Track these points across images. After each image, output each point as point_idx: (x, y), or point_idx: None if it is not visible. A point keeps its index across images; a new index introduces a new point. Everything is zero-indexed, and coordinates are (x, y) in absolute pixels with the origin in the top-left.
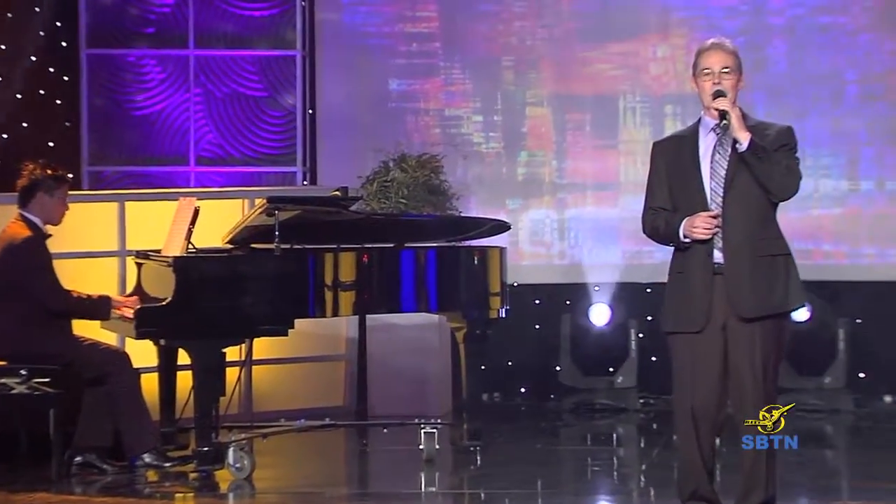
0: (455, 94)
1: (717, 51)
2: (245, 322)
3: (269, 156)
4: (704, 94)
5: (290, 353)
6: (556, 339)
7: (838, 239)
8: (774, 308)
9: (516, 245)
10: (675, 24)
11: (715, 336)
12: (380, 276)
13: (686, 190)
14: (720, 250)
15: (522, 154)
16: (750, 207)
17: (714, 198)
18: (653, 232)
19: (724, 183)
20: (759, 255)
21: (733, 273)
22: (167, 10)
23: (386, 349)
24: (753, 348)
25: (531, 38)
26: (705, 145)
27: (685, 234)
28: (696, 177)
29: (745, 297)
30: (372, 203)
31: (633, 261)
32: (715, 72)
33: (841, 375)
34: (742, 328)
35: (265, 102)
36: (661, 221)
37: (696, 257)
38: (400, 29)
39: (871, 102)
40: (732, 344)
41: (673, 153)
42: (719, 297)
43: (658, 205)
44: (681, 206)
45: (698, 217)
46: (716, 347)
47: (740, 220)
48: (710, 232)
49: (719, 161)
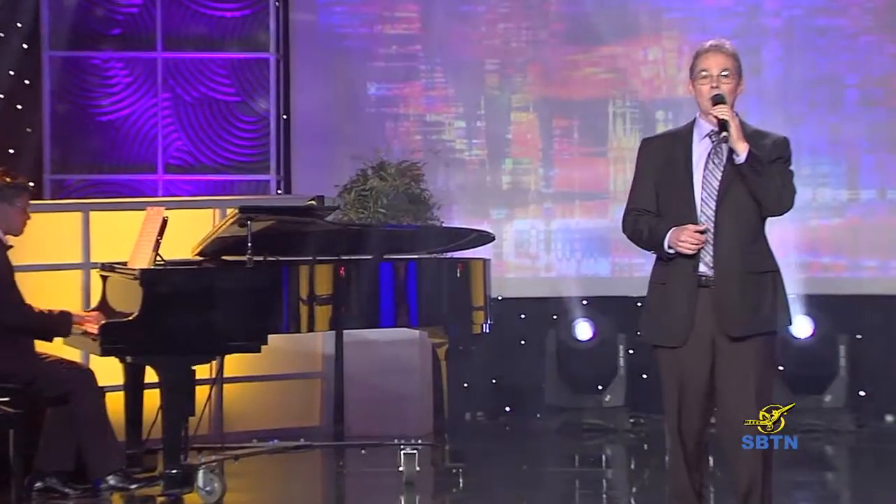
0: (436, 98)
1: (716, 53)
2: (215, 338)
3: (242, 163)
4: (702, 98)
5: (263, 370)
6: (542, 355)
7: (838, 251)
8: (761, 327)
9: (501, 257)
10: (667, 26)
11: (702, 352)
12: (357, 290)
13: (674, 198)
14: (706, 264)
15: (507, 161)
16: (741, 222)
17: (704, 209)
18: (634, 236)
19: (716, 195)
20: (747, 272)
21: (722, 290)
22: (134, 10)
23: (364, 366)
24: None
25: (516, 40)
26: (699, 152)
27: (670, 245)
28: (687, 186)
29: (734, 314)
30: (349, 213)
31: (622, 273)
32: (713, 75)
33: (841, 394)
34: (731, 347)
35: (237, 107)
36: (644, 227)
37: (680, 269)
38: (379, 30)
39: (871, 108)
40: (721, 362)
41: (664, 155)
42: (705, 311)
43: (642, 206)
44: (667, 214)
45: (685, 231)
46: (702, 363)
47: (731, 234)
48: (697, 247)
49: (713, 171)
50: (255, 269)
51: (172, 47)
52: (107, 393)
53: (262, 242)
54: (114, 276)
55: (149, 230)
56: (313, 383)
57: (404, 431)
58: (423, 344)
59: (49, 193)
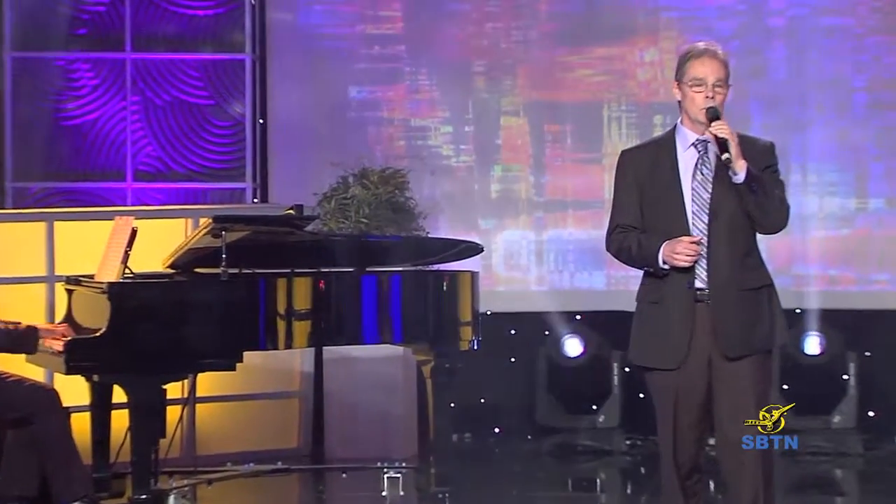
0: (422, 102)
1: (711, 60)
2: (188, 355)
3: (216, 170)
4: (693, 105)
5: (238, 389)
6: (533, 373)
7: (845, 263)
8: (758, 346)
9: (490, 269)
10: (665, 26)
11: (698, 372)
12: (338, 304)
13: (663, 211)
14: (701, 279)
15: (496, 168)
16: (735, 235)
17: (696, 223)
18: (620, 252)
19: (708, 208)
20: (744, 288)
21: (719, 308)
22: (101, 8)
23: (345, 385)
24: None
25: (506, 40)
26: (685, 162)
27: (664, 259)
28: (676, 198)
29: (733, 334)
30: (329, 223)
31: (618, 287)
32: (708, 84)
33: (850, 415)
34: (728, 366)
35: (211, 111)
36: (633, 242)
37: (674, 285)
38: (360, 30)
39: (880, 112)
40: (718, 382)
41: (647, 167)
42: (701, 329)
43: (627, 223)
44: (656, 229)
45: (680, 243)
46: (699, 384)
47: (726, 248)
48: (693, 259)
49: (702, 182)
50: (230, 282)
51: (142, 47)
52: (72, 414)
53: (238, 254)
54: (80, 289)
55: (117, 241)
56: (291, 403)
57: (387, 454)
58: (408, 361)
59: (11, 202)
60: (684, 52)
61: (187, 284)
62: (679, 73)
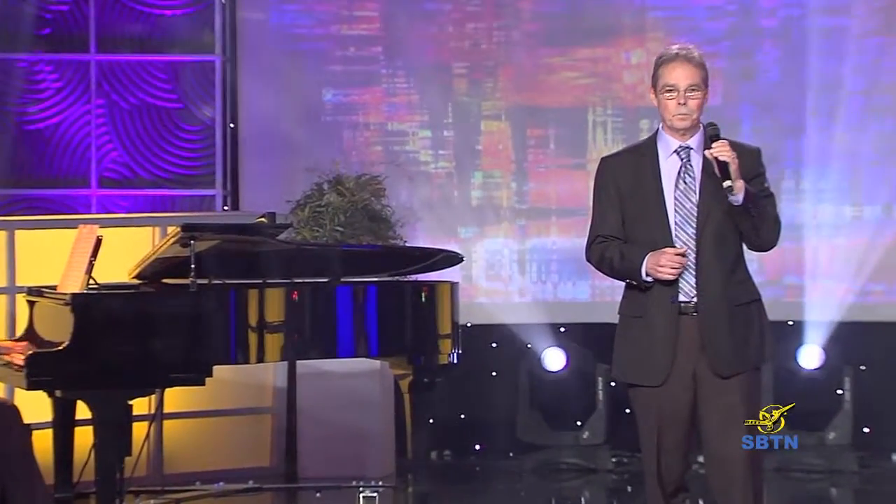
0: (399, 105)
1: (682, 64)
2: (155, 369)
3: (184, 177)
4: (667, 112)
5: (208, 405)
6: (515, 387)
7: (840, 274)
8: (749, 362)
9: (470, 280)
10: (652, 26)
11: (683, 387)
12: (312, 316)
13: (645, 221)
14: (686, 293)
15: (477, 175)
16: (722, 247)
17: (679, 234)
18: (602, 264)
19: (695, 220)
20: (733, 304)
21: (708, 325)
22: (65, 8)
23: (319, 400)
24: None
25: (486, 41)
26: (667, 170)
27: (648, 271)
28: (659, 208)
29: (723, 351)
30: (303, 231)
31: (604, 298)
32: (680, 90)
33: (845, 431)
34: (715, 382)
35: (179, 115)
36: (615, 253)
37: (658, 298)
38: (335, 31)
39: (877, 116)
40: (704, 398)
41: (629, 175)
42: (686, 342)
43: (609, 233)
44: (637, 239)
45: (664, 255)
46: (683, 400)
47: (713, 262)
48: (678, 272)
49: (685, 192)
50: (199, 293)
51: (107, 49)
52: (34, 431)
53: (207, 264)
54: (42, 301)
55: (81, 251)
56: (263, 419)
57: (363, 472)
58: (385, 376)
59: None
60: (657, 58)
61: (154, 296)
62: (653, 80)
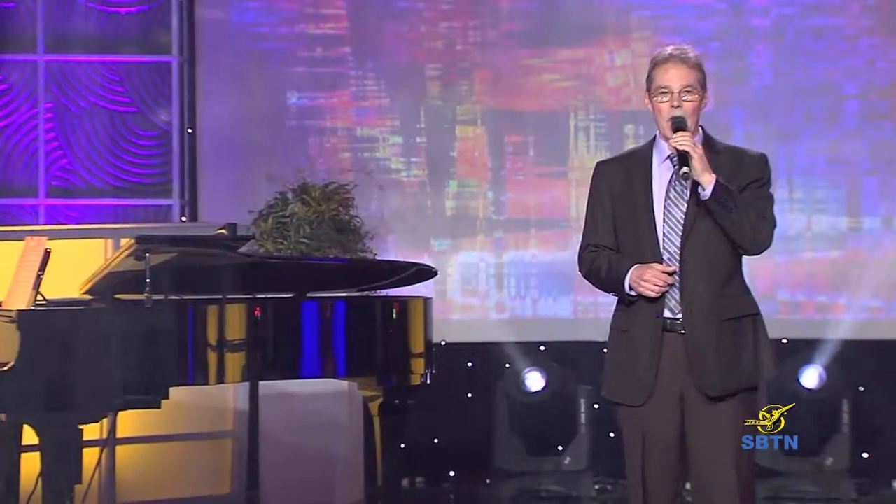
0: (369, 110)
1: (676, 64)
2: (107, 391)
3: (139, 185)
4: (661, 117)
5: (164, 429)
6: (492, 410)
7: (836, 289)
8: (742, 382)
9: (444, 295)
10: (637, 26)
11: (668, 408)
12: (276, 334)
13: (634, 231)
14: (671, 309)
15: (451, 184)
16: (711, 259)
17: (667, 245)
18: (591, 275)
19: (681, 228)
20: (722, 319)
21: (693, 342)
22: (10, 5)
23: (283, 424)
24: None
25: (462, 41)
26: (659, 177)
27: (631, 285)
28: (647, 217)
29: (710, 370)
30: (266, 244)
31: (586, 314)
32: (674, 91)
33: (843, 456)
34: (704, 404)
35: (133, 120)
36: (604, 263)
37: (642, 313)
38: (301, 30)
39: (874, 122)
40: (692, 421)
41: (621, 181)
42: (672, 361)
43: (601, 242)
44: (627, 250)
45: (649, 270)
46: (669, 422)
47: (700, 274)
48: (661, 290)
49: (675, 200)
50: (155, 309)
51: (57, 49)
52: None
53: (164, 278)
54: None
55: (28, 264)
56: (223, 444)
57: (330, 499)
58: (353, 397)
59: None
60: (651, 59)
61: (107, 312)
62: (647, 83)
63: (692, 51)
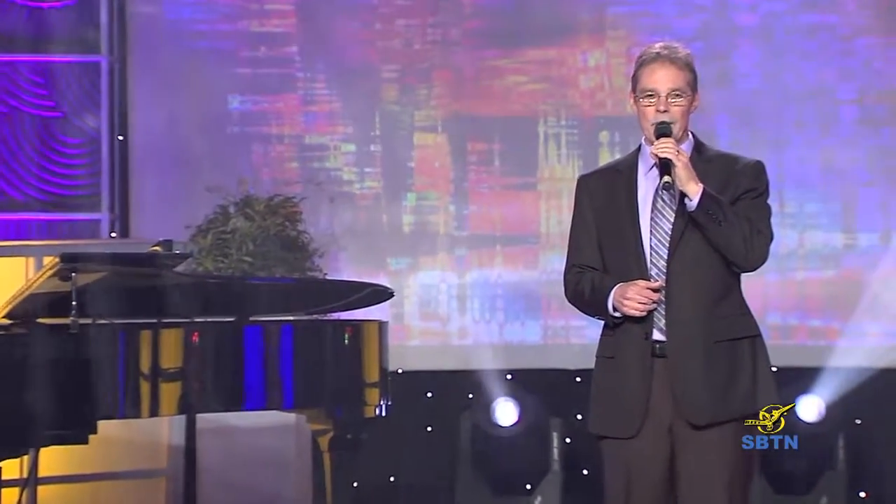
0: (318, 115)
1: (664, 65)
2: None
3: (64, 198)
4: (646, 121)
5: (92, 467)
6: (453, 445)
7: (830, 311)
8: (735, 411)
9: (401, 319)
10: (612, 24)
11: (658, 441)
12: (216, 362)
13: (619, 247)
14: (660, 329)
15: (409, 197)
16: (702, 275)
17: (655, 260)
18: (575, 297)
19: (668, 241)
20: (716, 340)
21: (682, 365)
22: None
23: (223, 461)
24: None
25: (420, 40)
26: (645, 187)
27: (615, 305)
28: (633, 230)
29: (698, 397)
30: (206, 262)
31: (557, 339)
32: (661, 95)
33: (839, 495)
34: (694, 435)
35: (58, 126)
36: (587, 284)
37: (629, 337)
38: (243, 27)
39: (872, 128)
40: (682, 454)
41: (604, 195)
42: (662, 390)
43: (585, 262)
44: (613, 268)
45: (632, 287)
46: (658, 455)
47: (689, 292)
48: (647, 308)
49: (662, 211)
50: (82, 335)
51: None
52: None
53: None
54: None
55: None
56: (156, 483)
57: None
58: (301, 432)
59: None
60: (637, 58)
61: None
62: (632, 83)
63: (682, 49)
